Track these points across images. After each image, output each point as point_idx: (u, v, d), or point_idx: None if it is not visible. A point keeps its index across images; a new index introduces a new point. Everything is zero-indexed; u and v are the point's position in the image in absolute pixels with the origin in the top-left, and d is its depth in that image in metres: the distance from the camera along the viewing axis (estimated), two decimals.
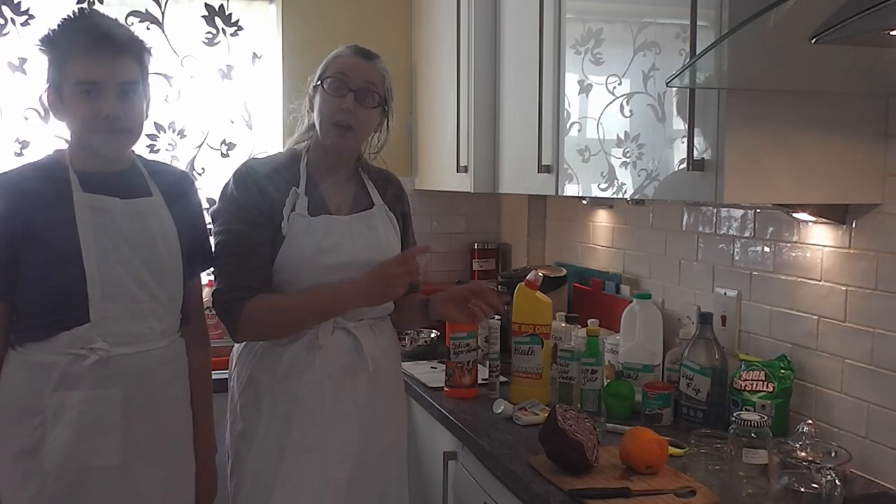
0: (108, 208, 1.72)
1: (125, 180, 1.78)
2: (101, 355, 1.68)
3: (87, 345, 1.68)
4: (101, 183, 1.74)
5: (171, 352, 1.81)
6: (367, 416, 1.93)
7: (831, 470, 1.45)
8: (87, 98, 1.67)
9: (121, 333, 1.72)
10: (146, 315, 1.75)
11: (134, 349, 1.73)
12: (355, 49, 1.93)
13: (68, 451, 1.68)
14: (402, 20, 3.31)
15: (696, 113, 1.64)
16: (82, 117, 1.69)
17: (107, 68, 1.67)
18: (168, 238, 1.79)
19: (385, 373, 1.97)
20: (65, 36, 1.69)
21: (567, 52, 2.17)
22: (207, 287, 3.11)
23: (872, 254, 1.73)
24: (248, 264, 1.85)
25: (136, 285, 1.73)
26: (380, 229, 1.96)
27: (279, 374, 1.88)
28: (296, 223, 1.86)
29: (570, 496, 1.61)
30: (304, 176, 1.91)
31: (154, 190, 1.81)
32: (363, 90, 1.87)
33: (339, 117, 1.86)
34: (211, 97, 3.17)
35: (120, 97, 1.70)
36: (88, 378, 1.68)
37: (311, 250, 1.86)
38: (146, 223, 1.77)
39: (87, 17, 1.73)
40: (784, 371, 1.89)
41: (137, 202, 1.77)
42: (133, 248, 1.73)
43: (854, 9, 1.11)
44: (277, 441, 1.87)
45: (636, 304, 2.25)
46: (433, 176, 3.12)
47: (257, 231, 1.85)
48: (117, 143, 1.75)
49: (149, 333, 1.76)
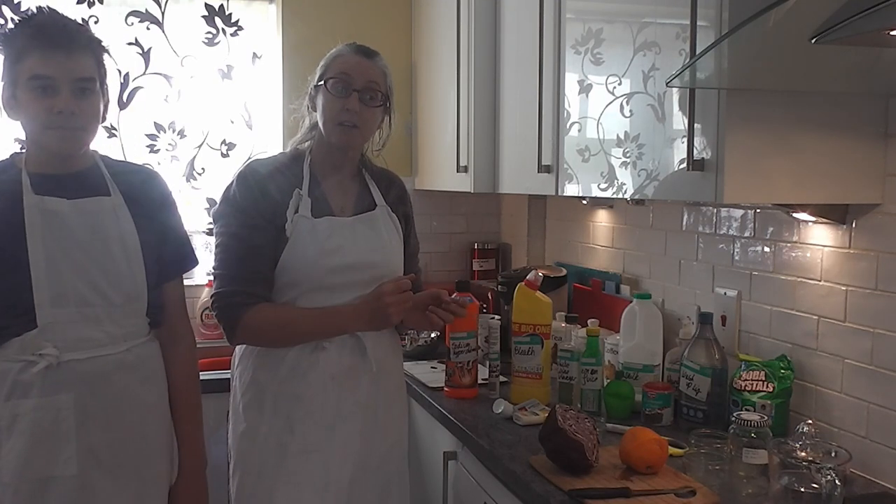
0: (58, 210, 1.68)
1: (81, 181, 1.74)
2: (51, 361, 1.64)
3: (37, 351, 1.64)
4: (54, 185, 1.70)
5: (133, 356, 1.75)
6: (370, 417, 1.93)
7: (831, 470, 1.45)
8: (41, 94, 1.64)
9: (71, 338, 1.67)
10: (100, 319, 1.70)
11: (86, 354, 1.68)
12: (356, 48, 1.92)
13: (24, 461, 1.64)
14: (402, 20, 3.31)
15: (696, 113, 1.64)
16: (35, 114, 1.65)
17: (62, 64, 1.64)
18: (126, 238, 1.74)
19: (388, 374, 1.97)
20: (21, 32, 1.66)
21: (567, 52, 2.17)
22: (208, 286, 3.13)
23: (872, 254, 1.73)
24: (248, 268, 1.84)
25: (87, 288, 1.68)
26: (382, 231, 1.96)
27: (282, 375, 1.87)
28: (299, 225, 1.85)
29: (570, 496, 1.61)
30: (307, 176, 1.91)
31: (113, 190, 1.76)
32: (367, 90, 1.87)
33: (343, 118, 1.86)
34: (211, 97, 3.17)
35: (75, 94, 1.66)
36: (39, 385, 1.64)
37: (315, 252, 1.85)
38: (98, 223, 1.71)
39: (44, 15, 1.70)
40: (784, 371, 1.89)
41: (87, 202, 1.71)
42: (84, 250, 1.69)
43: (854, 9, 1.11)
44: (280, 441, 1.86)
45: (636, 304, 2.25)
46: (433, 176, 3.12)
47: (259, 234, 1.85)
48: (70, 140, 1.70)
49: (104, 338, 1.70)
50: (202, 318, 3.11)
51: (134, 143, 3.11)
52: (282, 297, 1.88)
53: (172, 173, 3.17)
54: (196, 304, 3.12)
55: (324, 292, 1.87)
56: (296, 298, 1.87)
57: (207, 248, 3.21)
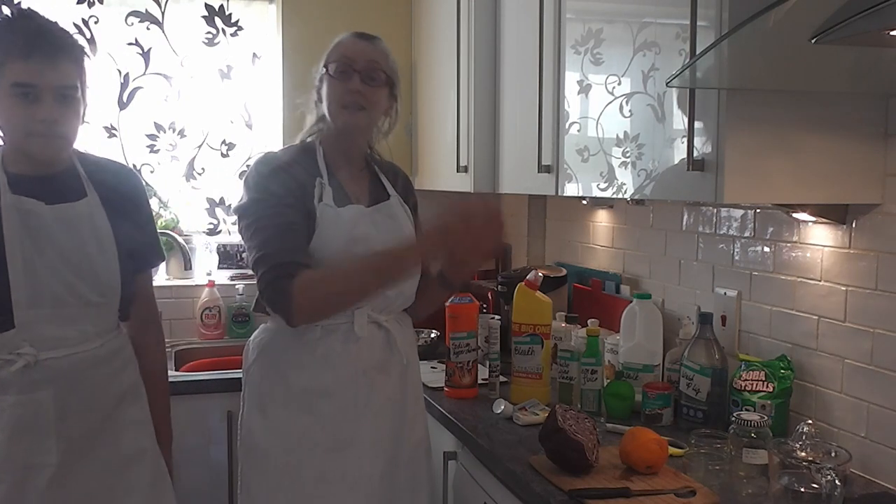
0: (35, 212, 1.70)
1: (59, 183, 1.76)
2: (29, 360, 1.68)
3: (15, 350, 1.68)
4: (32, 186, 1.72)
5: (106, 351, 1.80)
6: (399, 412, 1.90)
7: (831, 470, 1.45)
8: (23, 101, 1.65)
9: (48, 338, 1.70)
10: (75, 319, 1.74)
11: (63, 352, 1.72)
12: (356, 33, 1.91)
13: (5, 453, 1.69)
14: (401, 20, 3.31)
15: (696, 113, 1.64)
16: (18, 120, 1.67)
17: (45, 71, 1.65)
18: (102, 240, 1.77)
19: (413, 367, 1.96)
20: (3, 37, 1.66)
21: (567, 52, 2.17)
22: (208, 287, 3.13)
23: (872, 254, 1.73)
24: (289, 242, 1.75)
25: (63, 289, 1.71)
26: (400, 219, 1.94)
27: (310, 369, 1.83)
28: (325, 214, 1.82)
29: (570, 496, 1.61)
30: (323, 167, 1.88)
31: (90, 190, 1.79)
32: (368, 69, 1.85)
33: (347, 99, 1.84)
34: (211, 97, 3.17)
35: (58, 101, 1.67)
36: (18, 383, 1.69)
37: (344, 241, 1.81)
38: (76, 227, 1.74)
39: (26, 18, 1.71)
40: (784, 371, 1.89)
41: (65, 207, 1.74)
42: (60, 252, 1.71)
43: (854, 9, 1.11)
44: (309, 437, 1.82)
45: (636, 304, 2.25)
46: (433, 176, 3.12)
47: (293, 213, 1.78)
48: (52, 147, 1.72)
49: (78, 336, 1.75)
50: (202, 319, 3.11)
51: (134, 143, 3.12)
52: None
53: (172, 173, 3.18)
54: (196, 305, 3.13)
55: None
56: None
57: (207, 248, 3.22)
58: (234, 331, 3.15)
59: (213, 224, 3.24)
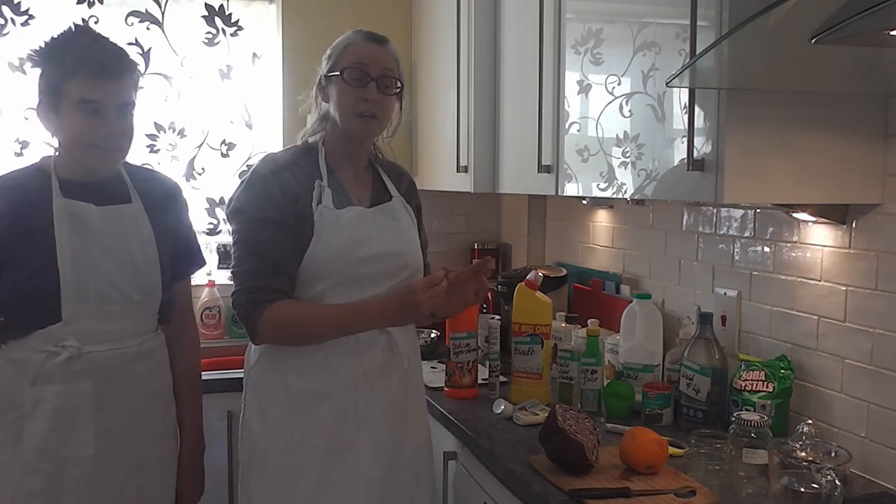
0: (84, 213, 1.80)
1: (106, 188, 1.85)
2: (72, 352, 1.75)
3: (60, 342, 1.75)
4: (81, 189, 1.82)
5: (145, 349, 1.87)
6: (399, 415, 1.89)
7: (831, 470, 1.45)
8: (89, 116, 1.75)
9: (91, 332, 1.78)
10: (118, 315, 1.82)
11: (104, 347, 1.80)
12: (365, 35, 1.89)
13: (44, 443, 1.75)
14: (402, 20, 3.30)
15: (696, 113, 1.64)
16: (81, 133, 1.77)
17: (111, 90, 1.76)
18: (144, 242, 1.86)
19: (414, 371, 1.95)
20: (67, 53, 1.75)
21: (567, 52, 2.17)
22: (208, 286, 3.13)
23: (872, 254, 1.73)
24: (268, 264, 1.79)
25: (108, 287, 1.80)
26: (402, 221, 1.94)
27: (312, 373, 1.83)
28: (324, 217, 1.81)
29: (570, 496, 1.61)
30: (324, 168, 1.87)
31: (134, 197, 1.88)
32: (383, 78, 1.85)
33: (363, 108, 1.83)
34: (211, 97, 3.17)
35: (119, 117, 1.79)
36: (61, 374, 1.76)
37: (344, 243, 1.81)
38: (121, 228, 1.84)
39: (88, 36, 1.81)
40: (784, 371, 1.89)
41: (113, 209, 1.84)
42: (107, 251, 1.80)
43: (854, 9, 1.11)
44: (309, 440, 1.82)
45: (636, 304, 2.25)
46: (433, 176, 3.11)
47: (278, 230, 1.79)
48: (111, 159, 1.84)
49: (120, 332, 1.82)
50: (202, 318, 3.11)
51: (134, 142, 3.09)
52: (308, 292, 1.82)
53: (172, 173, 3.16)
54: (196, 305, 3.12)
55: (351, 286, 1.82)
56: (323, 293, 1.82)
57: (208, 248, 3.22)
58: (234, 331, 3.15)
59: (213, 224, 3.24)
